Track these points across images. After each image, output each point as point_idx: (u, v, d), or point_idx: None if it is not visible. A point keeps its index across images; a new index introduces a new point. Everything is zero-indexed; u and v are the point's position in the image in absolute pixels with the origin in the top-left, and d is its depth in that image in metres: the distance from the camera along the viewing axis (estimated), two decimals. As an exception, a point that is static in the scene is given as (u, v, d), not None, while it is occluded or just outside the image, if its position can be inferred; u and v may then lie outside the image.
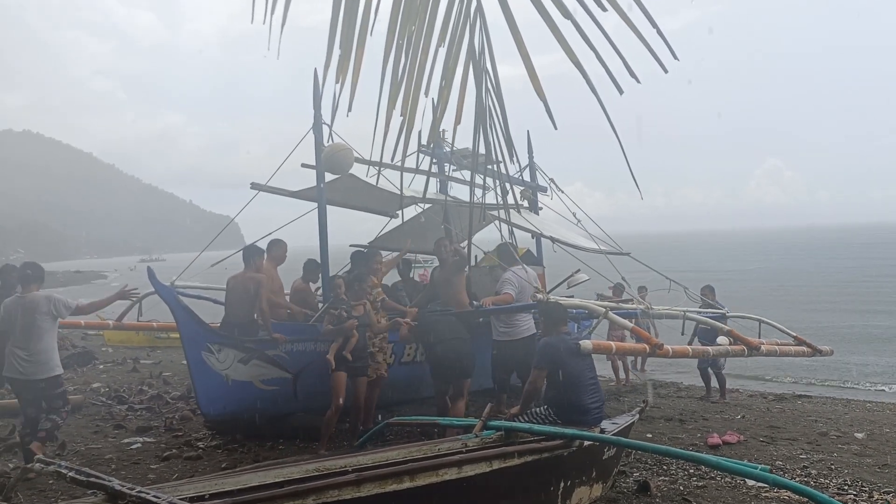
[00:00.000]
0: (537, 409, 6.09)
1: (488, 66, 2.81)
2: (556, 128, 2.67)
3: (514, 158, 2.91)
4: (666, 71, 2.51)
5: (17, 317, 6.63)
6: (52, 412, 6.65)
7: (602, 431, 5.71)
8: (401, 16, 2.71)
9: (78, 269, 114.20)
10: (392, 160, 2.61)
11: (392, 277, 10.64)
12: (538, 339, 6.78)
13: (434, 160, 11.45)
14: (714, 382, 11.98)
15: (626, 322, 7.53)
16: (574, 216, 11.99)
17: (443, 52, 2.78)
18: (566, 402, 5.94)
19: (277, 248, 8.73)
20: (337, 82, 2.67)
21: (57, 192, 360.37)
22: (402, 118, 2.62)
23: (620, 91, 2.51)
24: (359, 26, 2.69)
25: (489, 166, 3.30)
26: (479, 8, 2.79)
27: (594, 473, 5.59)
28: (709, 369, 11.84)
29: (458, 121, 2.80)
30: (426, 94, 2.73)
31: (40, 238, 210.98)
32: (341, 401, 7.39)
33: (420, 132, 2.62)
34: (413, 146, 9.68)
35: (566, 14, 2.55)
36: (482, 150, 2.85)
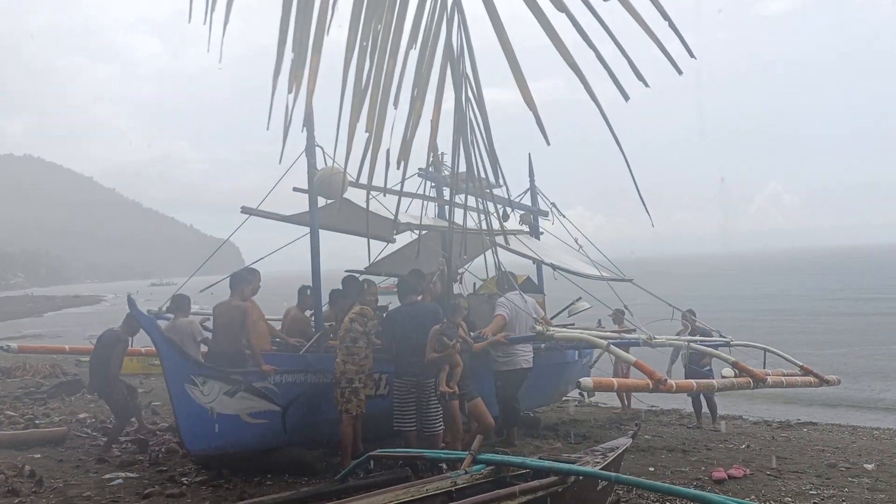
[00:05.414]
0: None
1: (469, 69, 2.40)
2: (548, 143, 2.32)
3: (501, 177, 2.56)
4: (680, 72, 2.20)
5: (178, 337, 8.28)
6: None
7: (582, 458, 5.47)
8: (364, 12, 2.30)
9: (77, 293, 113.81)
10: (357, 179, 2.28)
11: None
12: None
13: (432, 184, 11.26)
14: (705, 408, 11.80)
15: (629, 356, 7.26)
16: (576, 241, 11.81)
17: (415, 54, 2.38)
18: (396, 358, 8.07)
19: (251, 278, 8.50)
20: (290, 92, 2.26)
21: (57, 217, 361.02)
22: (367, 134, 2.23)
23: (626, 97, 2.19)
24: (314, 25, 2.28)
25: (486, 190, 3.03)
26: (457, 0, 2.38)
27: (589, 507, 5.33)
28: (701, 396, 11.62)
29: (433, 137, 2.39)
30: (395, 104, 2.34)
31: (41, 263, 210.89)
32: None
33: (388, 150, 2.16)
34: (411, 168, 9.46)
35: (559, 6, 2.18)
36: (466, 168, 2.50)
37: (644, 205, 2.55)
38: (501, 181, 2.55)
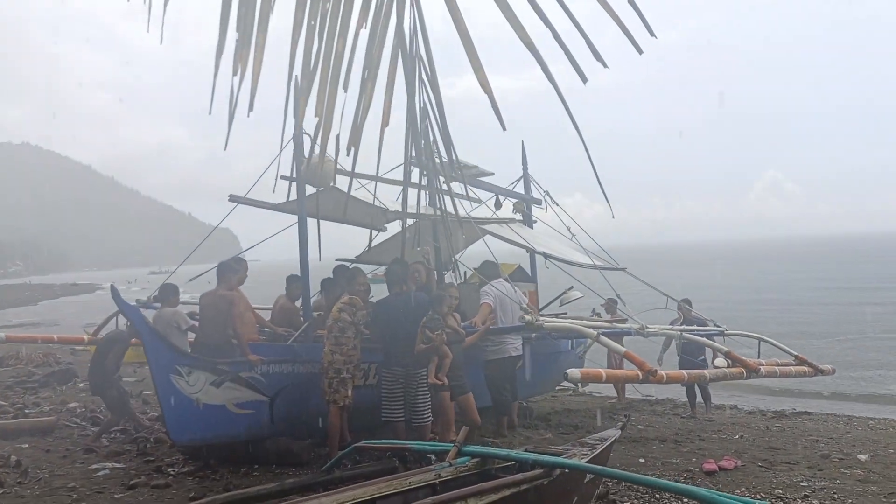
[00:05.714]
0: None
1: (422, 51, 2.27)
2: (504, 128, 2.22)
3: (456, 164, 2.43)
4: (640, 52, 2.11)
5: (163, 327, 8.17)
6: None
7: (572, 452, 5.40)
8: None
9: (76, 281, 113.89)
10: (313, 165, 2.20)
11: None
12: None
13: (424, 172, 11.14)
14: (699, 397, 11.79)
15: (619, 347, 7.18)
16: (568, 230, 11.74)
17: (365, 34, 2.22)
18: (385, 348, 7.92)
19: (238, 267, 8.43)
20: (235, 74, 2.12)
21: (56, 205, 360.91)
22: (316, 119, 2.10)
23: (584, 79, 2.10)
24: (260, 2, 2.13)
25: (480, 178, 2.94)
26: None
27: (575, 499, 5.26)
28: (695, 385, 11.61)
29: (385, 122, 2.21)
30: (345, 87, 2.19)
31: (39, 251, 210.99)
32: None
33: (338, 136, 1.98)
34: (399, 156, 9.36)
35: None
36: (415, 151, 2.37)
37: (604, 194, 2.47)
38: (457, 166, 2.43)
